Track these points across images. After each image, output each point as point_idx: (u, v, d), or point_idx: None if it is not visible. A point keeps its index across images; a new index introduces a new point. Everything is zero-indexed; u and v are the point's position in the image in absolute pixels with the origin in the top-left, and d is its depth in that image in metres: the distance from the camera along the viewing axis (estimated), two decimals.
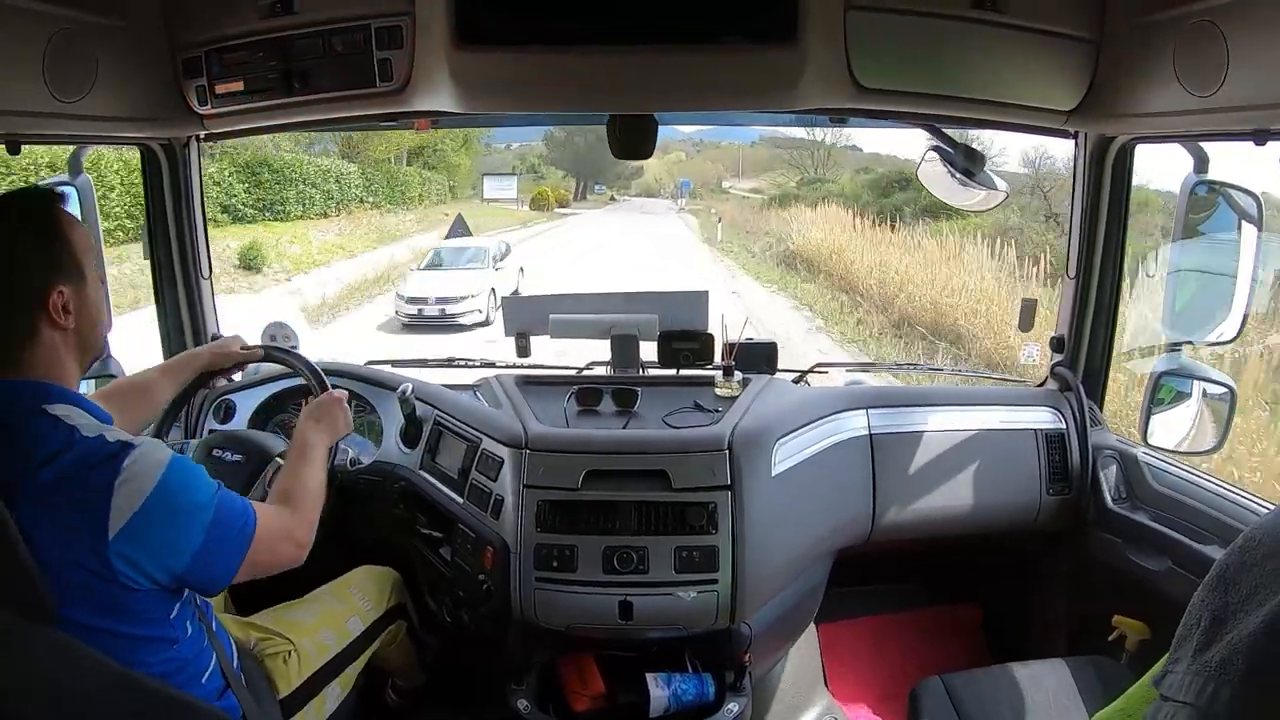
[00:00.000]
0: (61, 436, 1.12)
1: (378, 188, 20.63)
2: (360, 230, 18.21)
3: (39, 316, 1.17)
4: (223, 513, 1.21)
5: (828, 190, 23.09)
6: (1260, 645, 0.71)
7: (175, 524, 1.15)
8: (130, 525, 1.11)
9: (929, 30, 1.57)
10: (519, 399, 1.87)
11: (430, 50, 1.50)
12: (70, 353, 1.21)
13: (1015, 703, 1.65)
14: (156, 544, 1.14)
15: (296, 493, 1.39)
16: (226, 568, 1.22)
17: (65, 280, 1.18)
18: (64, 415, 1.14)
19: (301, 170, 17.37)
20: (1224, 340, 1.77)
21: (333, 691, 1.65)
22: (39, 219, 1.19)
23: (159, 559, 1.14)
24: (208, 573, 1.20)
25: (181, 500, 1.16)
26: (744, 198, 28.92)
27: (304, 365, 1.74)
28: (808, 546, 1.79)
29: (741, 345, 1.99)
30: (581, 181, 34.75)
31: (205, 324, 2.17)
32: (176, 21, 1.69)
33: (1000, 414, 2.03)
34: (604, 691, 1.64)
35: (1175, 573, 1.74)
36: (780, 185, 28.05)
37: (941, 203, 2.08)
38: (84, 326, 1.22)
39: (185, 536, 1.16)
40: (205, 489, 1.21)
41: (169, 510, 1.14)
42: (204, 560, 1.18)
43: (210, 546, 1.18)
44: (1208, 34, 1.37)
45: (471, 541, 1.72)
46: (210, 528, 1.18)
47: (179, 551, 1.16)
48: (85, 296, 1.22)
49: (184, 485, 1.17)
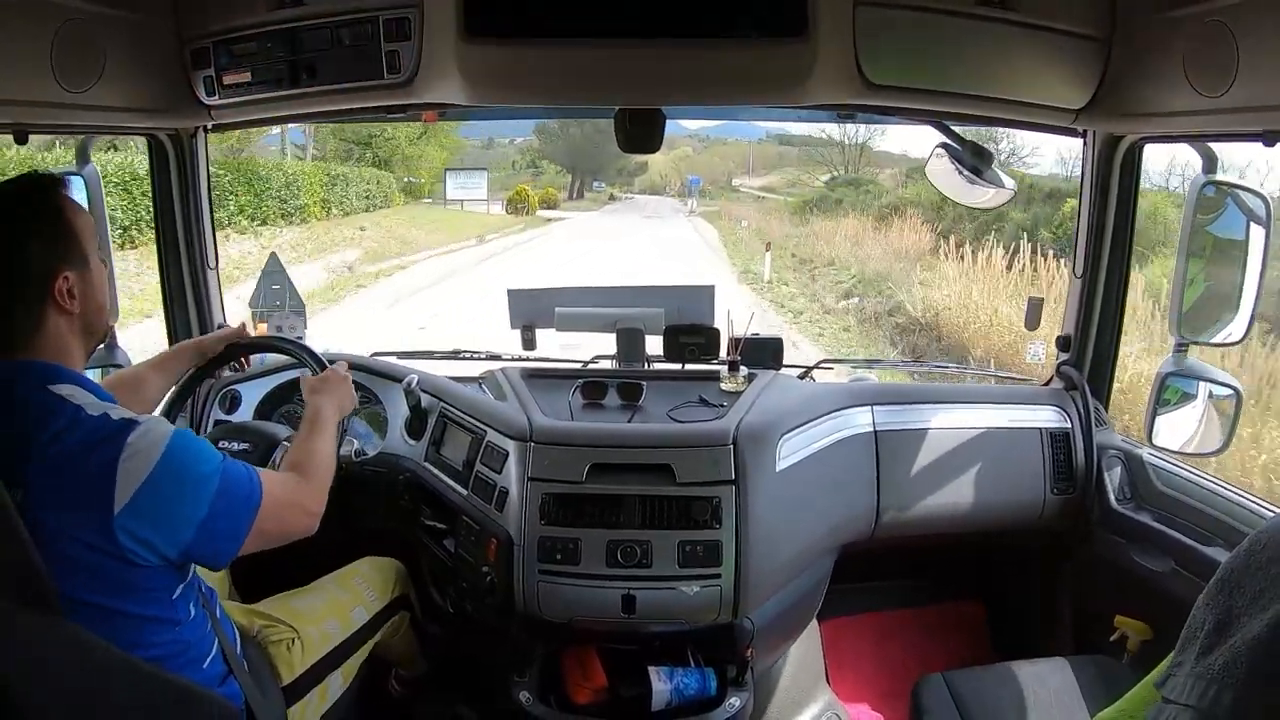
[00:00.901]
0: (66, 415, 1.13)
1: (316, 191, 16.19)
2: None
3: (44, 301, 1.19)
4: (228, 482, 1.21)
5: (880, 195, 18.21)
6: (1264, 649, 0.71)
7: (180, 495, 1.16)
8: (135, 500, 1.12)
9: (938, 27, 1.56)
10: (524, 392, 1.87)
11: (438, 42, 1.50)
12: (75, 337, 1.23)
13: (1017, 701, 1.65)
14: (162, 517, 1.15)
15: (306, 461, 1.40)
16: (233, 538, 1.22)
17: (70, 265, 1.20)
18: (68, 394, 1.15)
19: (252, 169, 14.19)
20: (1231, 341, 1.76)
21: (335, 680, 1.65)
22: (44, 205, 1.21)
23: (165, 532, 1.15)
24: (214, 544, 1.21)
25: (186, 472, 1.17)
26: (759, 197, 26.51)
27: (299, 349, 1.74)
28: (811, 542, 1.79)
29: (747, 340, 1.99)
30: (578, 178, 32.79)
31: (211, 314, 2.17)
32: (184, 12, 1.70)
33: (1005, 413, 2.03)
34: (606, 684, 1.65)
35: (1178, 574, 1.74)
36: (795, 183, 25.73)
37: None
38: (88, 311, 1.24)
39: (191, 507, 1.17)
40: (210, 459, 1.21)
41: (173, 482, 1.15)
42: (210, 531, 1.19)
43: (216, 516, 1.19)
44: (1218, 34, 1.36)
45: (475, 533, 1.73)
46: (215, 498, 1.19)
47: (185, 522, 1.16)
48: (90, 281, 1.24)
49: (187, 457, 1.18)
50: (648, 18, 1.41)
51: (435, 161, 24.79)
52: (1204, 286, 1.79)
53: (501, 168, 31.26)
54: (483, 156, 29.14)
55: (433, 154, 24.61)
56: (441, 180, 24.40)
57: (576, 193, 31.94)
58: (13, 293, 1.18)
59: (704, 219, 22.68)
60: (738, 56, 1.45)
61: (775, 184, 28.68)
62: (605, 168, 32.55)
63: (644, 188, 34.10)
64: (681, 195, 30.54)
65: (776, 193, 26.78)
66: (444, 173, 24.44)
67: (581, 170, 32.85)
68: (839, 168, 25.11)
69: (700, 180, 30.51)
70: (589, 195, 31.91)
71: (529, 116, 5.00)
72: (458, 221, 20.53)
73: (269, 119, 1.92)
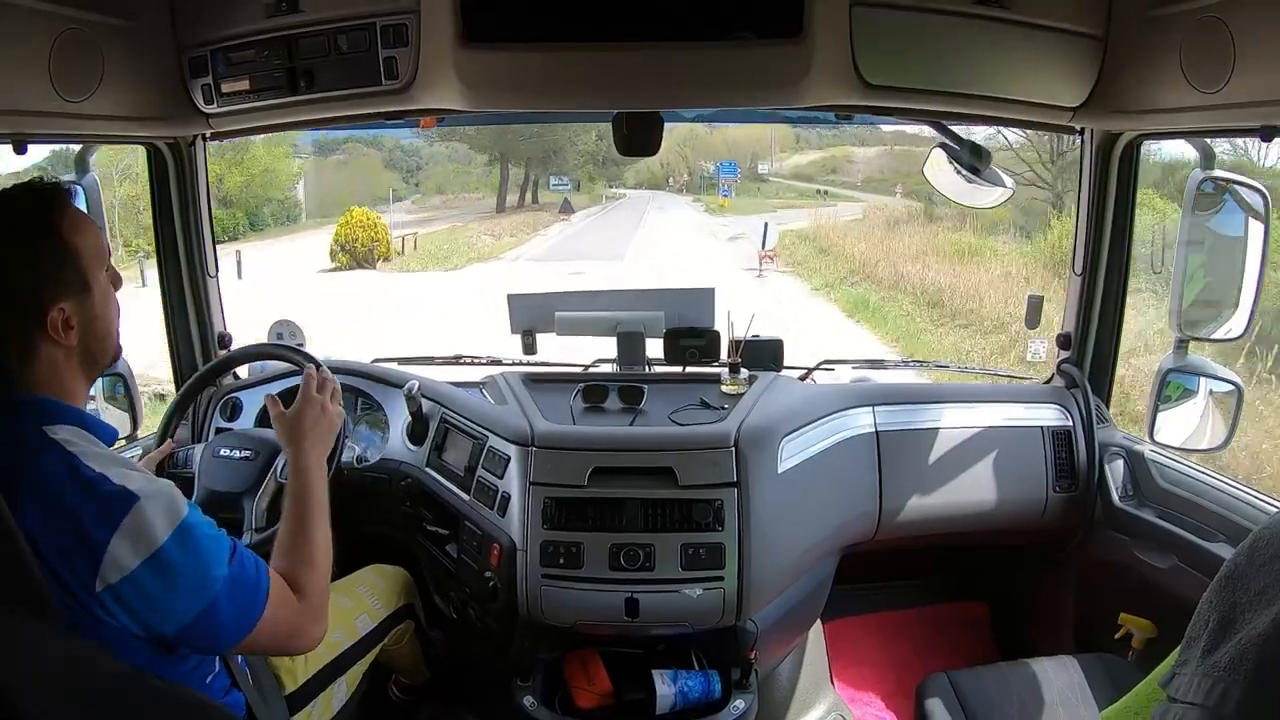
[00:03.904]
0: (60, 470, 1.04)
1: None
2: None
3: (36, 336, 1.09)
4: (233, 584, 1.11)
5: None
6: (1269, 645, 0.71)
7: (175, 591, 1.06)
8: (121, 586, 1.03)
9: (935, 26, 1.56)
10: (525, 396, 1.87)
11: (436, 48, 1.50)
12: (75, 369, 1.13)
13: (1021, 699, 1.65)
14: (147, 609, 1.05)
15: (303, 567, 1.25)
16: (218, 646, 1.15)
17: (65, 295, 1.09)
18: (65, 440, 1.06)
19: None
20: (1231, 337, 1.76)
21: (339, 689, 1.65)
22: (38, 228, 1.09)
23: (145, 622, 1.06)
24: (198, 644, 1.13)
25: (188, 569, 1.07)
26: (794, 186, 20.37)
27: (290, 350, 1.75)
28: (814, 543, 1.79)
29: (748, 342, 1.99)
30: (530, 178, 20.92)
31: (212, 322, 2.17)
32: (182, 20, 1.69)
33: (1007, 411, 2.03)
34: (610, 689, 1.65)
35: (1182, 571, 1.74)
36: (834, 167, 19.92)
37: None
38: (90, 340, 1.14)
39: (183, 607, 1.07)
40: (219, 556, 1.10)
41: (173, 577, 1.06)
42: (196, 632, 1.09)
43: (205, 621, 1.09)
44: (1214, 30, 1.36)
45: (478, 539, 1.73)
46: (213, 602, 1.09)
47: (170, 620, 1.07)
48: (90, 309, 1.13)
49: (194, 552, 1.08)
50: (644, 21, 1.41)
51: (269, 174, 19.67)
52: (1203, 282, 1.79)
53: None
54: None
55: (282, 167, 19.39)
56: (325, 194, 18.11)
57: (522, 199, 21.08)
58: (2, 328, 1.08)
59: (800, 280, 11.42)
60: (734, 58, 1.45)
61: (806, 168, 23.52)
62: (565, 155, 21.54)
63: (641, 181, 25.61)
64: (695, 191, 23.65)
65: (813, 181, 22.34)
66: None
67: (515, 160, 21.09)
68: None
69: (736, 168, 22.52)
70: (546, 198, 21.02)
71: (527, 120, 5.00)
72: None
73: (268, 126, 1.91)
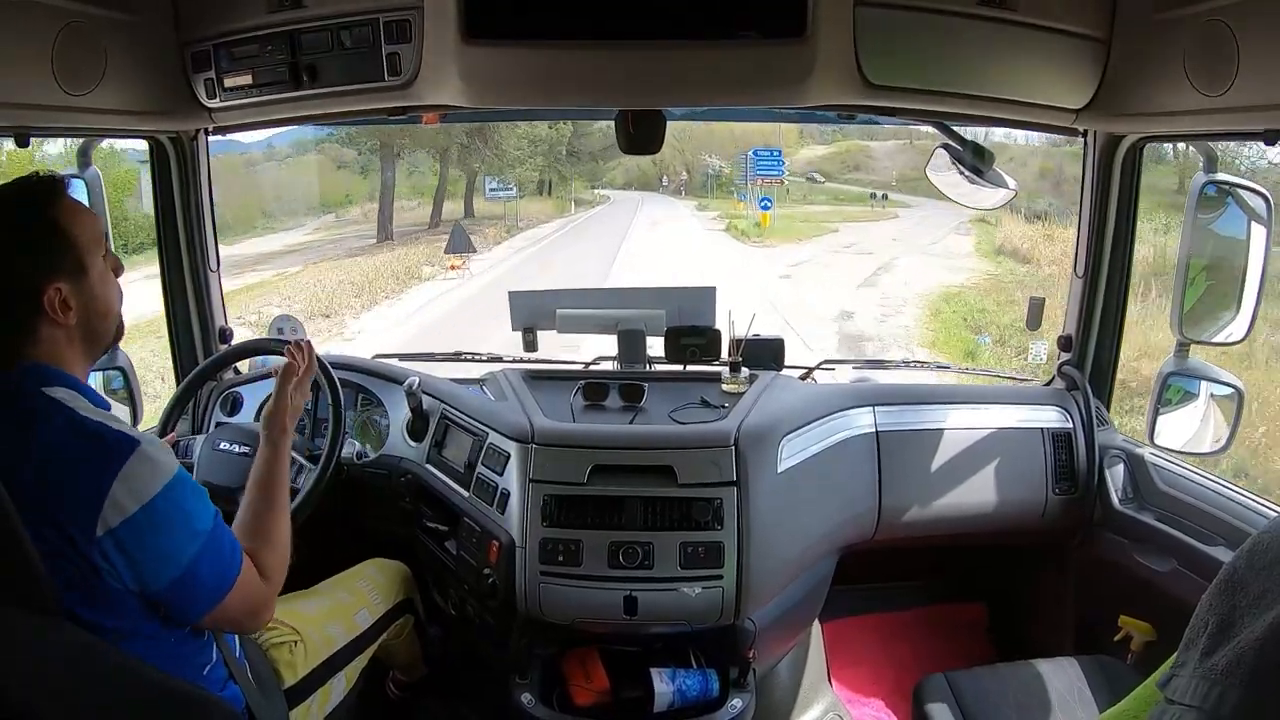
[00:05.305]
0: (60, 423, 1.09)
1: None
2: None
3: (35, 316, 1.14)
4: (215, 543, 1.16)
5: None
6: (1267, 649, 0.71)
7: (168, 540, 1.11)
8: (120, 530, 1.07)
9: (938, 27, 1.56)
10: (525, 393, 1.87)
11: (439, 44, 1.50)
12: (74, 346, 1.18)
13: (1019, 701, 1.65)
14: (142, 556, 1.09)
15: (266, 548, 1.30)
16: (197, 607, 1.16)
17: (62, 277, 1.15)
18: (63, 399, 1.11)
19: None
20: (1232, 341, 1.76)
21: (337, 684, 1.65)
22: (34, 215, 1.15)
23: (139, 571, 1.09)
24: (180, 603, 1.15)
25: (179, 519, 1.12)
26: (824, 188, 17.93)
27: (273, 341, 1.76)
28: (813, 543, 1.79)
29: (748, 341, 1.99)
30: (469, 183, 15.83)
31: (213, 316, 2.17)
32: (185, 15, 1.70)
33: (1007, 413, 2.03)
34: (608, 686, 1.65)
35: (1181, 574, 1.74)
36: (855, 162, 18.23)
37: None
38: (89, 319, 1.19)
39: (173, 557, 1.11)
40: (205, 514, 1.16)
41: (165, 525, 1.10)
42: (181, 589, 1.13)
43: (191, 577, 1.13)
44: (1218, 33, 1.36)
45: (477, 535, 1.73)
46: (200, 554, 1.13)
47: (161, 571, 1.11)
48: (88, 290, 1.18)
49: (184, 503, 1.13)
50: (648, 19, 1.41)
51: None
52: (1205, 286, 1.79)
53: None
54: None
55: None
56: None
57: (434, 222, 15.50)
58: (4, 309, 1.14)
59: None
60: (738, 57, 1.45)
61: (823, 164, 20.80)
62: (502, 144, 15.63)
63: (630, 181, 21.01)
64: (696, 194, 19.75)
65: (833, 179, 20.34)
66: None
67: (450, 156, 15.67)
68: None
69: (782, 160, 17.43)
70: (484, 210, 15.85)
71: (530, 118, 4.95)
72: None
73: (270, 121, 1.91)
